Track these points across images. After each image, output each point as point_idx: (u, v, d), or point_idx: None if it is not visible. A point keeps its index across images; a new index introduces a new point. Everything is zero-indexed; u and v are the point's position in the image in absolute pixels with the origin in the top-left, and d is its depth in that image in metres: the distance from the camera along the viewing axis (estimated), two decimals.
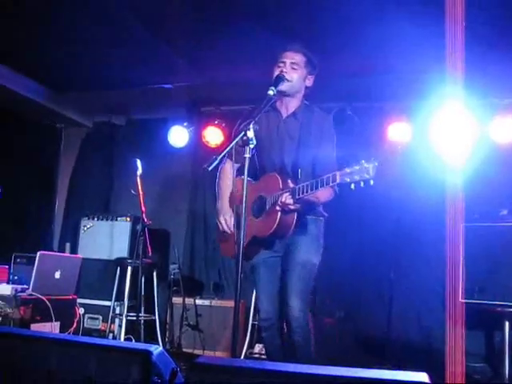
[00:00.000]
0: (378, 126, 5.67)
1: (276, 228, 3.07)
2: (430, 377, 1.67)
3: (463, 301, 4.22)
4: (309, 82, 3.35)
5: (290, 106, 3.35)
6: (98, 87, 6.11)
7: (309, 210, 3.22)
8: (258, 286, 3.42)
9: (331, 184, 2.79)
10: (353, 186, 2.70)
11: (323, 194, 3.12)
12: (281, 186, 3.07)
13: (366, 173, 2.64)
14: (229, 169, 3.41)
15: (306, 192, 2.91)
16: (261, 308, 3.39)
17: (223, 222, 3.37)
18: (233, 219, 3.31)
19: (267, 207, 3.15)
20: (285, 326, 3.27)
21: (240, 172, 3.01)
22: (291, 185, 3.02)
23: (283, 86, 3.19)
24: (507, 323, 4.52)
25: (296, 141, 3.28)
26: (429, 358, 4.87)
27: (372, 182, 2.65)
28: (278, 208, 3.02)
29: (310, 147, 3.22)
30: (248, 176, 3.12)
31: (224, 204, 3.41)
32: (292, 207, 3.00)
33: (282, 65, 3.26)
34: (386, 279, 5.41)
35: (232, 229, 3.31)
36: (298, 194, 2.95)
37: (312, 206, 3.21)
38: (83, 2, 4.27)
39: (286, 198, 2.97)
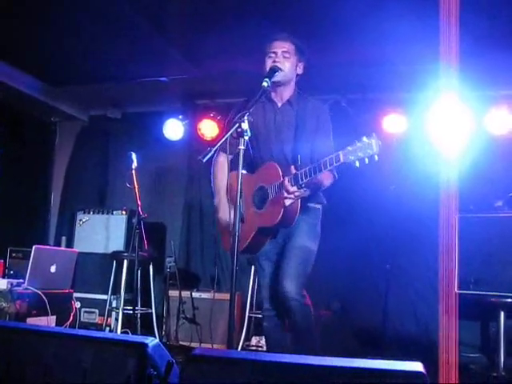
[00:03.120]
0: (372, 117, 5.67)
1: (282, 217, 3.06)
2: (425, 366, 1.68)
3: (458, 291, 4.24)
4: (299, 70, 3.36)
5: (284, 94, 3.36)
6: (93, 81, 6.08)
7: (312, 196, 3.21)
8: (260, 277, 3.45)
9: (335, 164, 2.78)
10: (357, 163, 2.69)
11: (326, 178, 3.13)
12: (281, 174, 3.07)
13: (369, 148, 2.64)
14: (223, 162, 3.38)
15: (310, 176, 2.90)
16: (263, 298, 3.39)
17: (223, 217, 3.34)
18: (232, 213, 3.29)
19: (270, 197, 3.15)
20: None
21: (234, 164, 2.99)
22: (294, 171, 2.99)
23: (277, 76, 3.19)
24: (502, 313, 4.55)
25: (293, 129, 3.29)
26: (424, 349, 4.89)
27: (376, 158, 2.64)
28: (284, 197, 3.00)
29: (306, 135, 3.23)
30: (243, 169, 3.13)
31: (222, 199, 3.39)
32: (297, 193, 2.98)
33: (273, 55, 3.26)
34: (381, 271, 5.43)
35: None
36: (301, 179, 2.93)
37: (316, 191, 3.20)
38: None
39: (290, 186, 2.96)
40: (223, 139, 2.82)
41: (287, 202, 3.02)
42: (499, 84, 5.32)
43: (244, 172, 3.14)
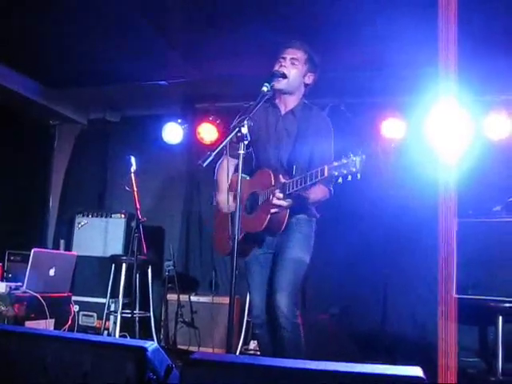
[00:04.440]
0: (371, 122, 5.68)
1: (267, 224, 3.08)
2: (424, 371, 1.68)
3: (456, 296, 4.24)
4: (308, 80, 3.35)
5: (289, 103, 3.35)
6: (92, 84, 6.08)
7: (301, 208, 3.22)
8: (251, 283, 3.42)
9: (319, 178, 2.77)
10: (340, 179, 2.68)
11: (315, 192, 3.10)
12: (273, 182, 3.08)
13: (352, 166, 2.62)
14: (226, 164, 3.38)
15: (296, 187, 2.91)
16: (253, 305, 3.39)
17: (226, 209, 3.32)
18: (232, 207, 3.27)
19: (259, 203, 3.16)
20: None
21: (237, 169, 3.01)
22: (282, 180, 3.01)
23: (281, 84, 3.21)
24: (500, 318, 4.55)
25: (293, 137, 3.28)
26: (423, 353, 4.88)
27: (359, 176, 2.62)
28: (270, 205, 3.02)
29: (306, 144, 3.22)
30: (245, 173, 3.16)
31: (224, 196, 3.37)
32: (284, 203, 2.99)
33: (282, 60, 3.27)
34: (380, 275, 5.43)
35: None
36: (289, 190, 2.94)
37: (304, 203, 3.18)
38: None
39: (278, 195, 2.97)
40: (223, 144, 2.83)
41: (272, 210, 3.03)
42: (498, 89, 5.34)
43: (244, 176, 3.18)
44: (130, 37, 4.87)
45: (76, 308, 5.23)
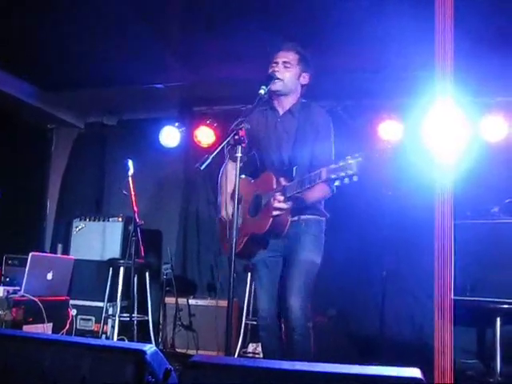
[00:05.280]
0: (368, 124, 5.68)
1: (270, 227, 3.08)
2: (423, 372, 1.68)
3: (454, 297, 4.24)
4: (304, 80, 3.36)
5: (286, 104, 3.37)
6: (89, 87, 6.08)
7: (308, 208, 3.23)
8: (258, 285, 3.41)
9: (318, 181, 2.80)
10: (337, 182, 2.71)
11: (313, 192, 3.11)
12: (274, 185, 3.09)
13: (349, 169, 2.64)
14: (231, 168, 3.35)
15: (295, 190, 2.93)
16: (260, 307, 3.37)
17: (225, 215, 3.32)
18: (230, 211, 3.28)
19: (262, 206, 3.17)
20: (283, 326, 3.28)
21: (242, 171, 3.03)
22: (283, 183, 3.04)
23: (276, 86, 3.23)
24: (498, 320, 4.55)
25: (292, 137, 3.29)
26: (422, 355, 4.86)
27: (356, 178, 2.65)
28: (271, 208, 3.03)
29: (306, 144, 3.23)
30: (250, 175, 3.17)
31: (225, 199, 3.37)
32: (284, 206, 3.01)
33: (274, 65, 3.29)
34: (378, 277, 5.42)
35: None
36: (290, 193, 2.97)
37: (304, 205, 3.19)
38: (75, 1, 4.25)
39: (279, 198, 2.99)
40: (220, 147, 2.84)
41: (274, 213, 3.04)
42: (495, 91, 5.35)
43: (249, 178, 3.20)
44: (128, 40, 4.87)
45: (74, 312, 5.22)
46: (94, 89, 6.12)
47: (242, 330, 5.44)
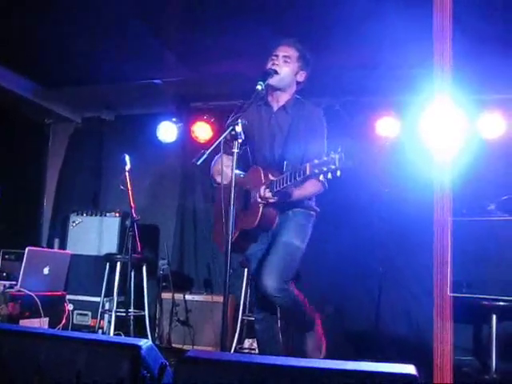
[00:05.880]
0: (366, 120, 5.69)
1: (259, 221, 3.11)
2: (419, 369, 1.68)
3: (451, 294, 4.25)
4: (300, 77, 3.37)
5: (281, 99, 3.37)
6: (86, 83, 6.07)
7: (296, 202, 3.24)
8: (252, 278, 3.44)
9: (303, 176, 2.79)
10: (321, 177, 2.70)
11: (303, 188, 3.11)
12: (263, 180, 3.11)
13: (332, 163, 2.64)
14: (225, 161, 3.33)
15: (283, 184, 2.93)
16: (254, 301, 3.41)
17: (220, 180, 3.25)
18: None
19: (251, 200, 3.18)
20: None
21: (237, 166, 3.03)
22: (271, 178, 3.05)
23: (272, 80, 3.22)
24: (494, 317, 4.56)
25: (285, 133, 3.30)
26: (418, 352, 4.89)
27: (339, 173, 2.64)
28: (258, 201, 3.05)
29: (298, 140, 3.23)
30: (242, 170, 3.17)
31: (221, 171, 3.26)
32: (271, 200, 3.02)
33: (274, 58, 3.29)
34: (375, 274, 5.43)
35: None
36: (277, 187, 2.97)
37: (285, 200, 3.17)
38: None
39: (265, 192, 3.00)
40: (217, 142, 2.84)
41: (260, 206, 3.07)
42: (493, 88, 5.35)
43: (239, 173, 3.19)
44: (126, 36, 4.86)
45: (70, 307, 5.22)
46: (91, 84, 6.10)
47: (239, 326, 5.44)
